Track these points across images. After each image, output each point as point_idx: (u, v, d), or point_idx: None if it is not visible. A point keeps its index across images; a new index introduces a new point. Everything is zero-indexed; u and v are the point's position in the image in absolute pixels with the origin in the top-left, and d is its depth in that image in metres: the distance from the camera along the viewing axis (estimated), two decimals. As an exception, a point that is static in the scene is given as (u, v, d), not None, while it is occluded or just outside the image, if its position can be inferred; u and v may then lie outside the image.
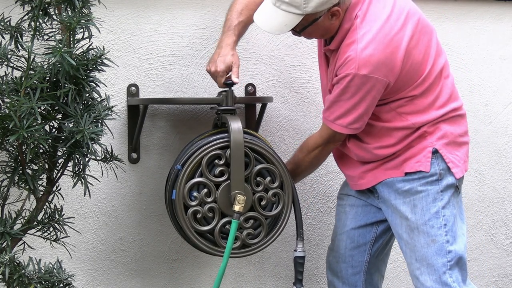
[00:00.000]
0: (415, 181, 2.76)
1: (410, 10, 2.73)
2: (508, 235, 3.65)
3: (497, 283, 3.65)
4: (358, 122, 2.74)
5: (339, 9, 2.68)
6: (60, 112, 2.56)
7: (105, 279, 3.17)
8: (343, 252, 2.97)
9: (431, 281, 2.75)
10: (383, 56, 2.64)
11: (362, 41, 2.65)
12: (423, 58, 2.72)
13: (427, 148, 2.76)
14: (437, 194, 2.75)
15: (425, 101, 2.75)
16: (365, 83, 2.66)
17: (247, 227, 2.83)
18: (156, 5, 3.16)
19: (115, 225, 3.17)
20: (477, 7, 3.55)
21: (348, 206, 2.98)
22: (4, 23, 2.56)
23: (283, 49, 3.31)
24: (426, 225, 2.75)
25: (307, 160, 2.91)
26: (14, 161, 2.58)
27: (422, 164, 2.75)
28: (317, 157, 2.90)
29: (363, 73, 2.64)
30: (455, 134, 2.79)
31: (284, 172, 2.84)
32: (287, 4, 2.66)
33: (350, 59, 2.65)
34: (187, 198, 2.79)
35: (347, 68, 2.66)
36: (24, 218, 2.61)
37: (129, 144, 3.15)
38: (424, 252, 2.76)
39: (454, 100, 2.81)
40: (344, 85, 2.68)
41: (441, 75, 2.77)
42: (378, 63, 2.64)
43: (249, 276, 3.32)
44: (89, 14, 2.51)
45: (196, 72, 3.21)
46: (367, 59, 2.63)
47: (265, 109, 3.20)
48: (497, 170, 3.61)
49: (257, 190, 2.82)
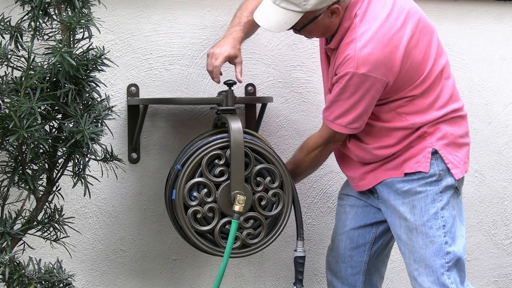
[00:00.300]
0: (414, 181, 2.76)
1: (411, 9, 2.73)
2: (508, 235, 3.65)
3: (497, 283, 3.65)
4: (357, 122, 2.74)
5: (338, 7, 2.68)
6: (60, 112, 2.56)
7: (105, 279, 3.17)
8: (342, 252, 2.97)
9: (429, 282, 2.75)
10: (382, 55, 2.64)
11: (361, 40, 2.65)
12: (423, 58, 2.72)
13: (427, 149, 2.75)
14: (436, 195, 2.75)
15: (425, 101, 2.74)
16: (364, 82, 2.65)
17: (247, 227, 2.83)
18: (156, 5, 3.16)
19: (115, 225, 3.17)
20: (477, 7, 3.55)
21: (348, 206, 2.98)
22: (4, 23, 2.56)
23: (283, 49, 3.31)
24: (424, 226, 2.75)
25: (307, 160, 2.91)
26: (14, 161, 2.57)
27: (422, 165, 2.75)
28: (317, 157, 2.90)
29: (361, 72, 2.64)
30: (455, 135, 2.79)
31: (284, 172, 2.84)
32: (286, 2, 2.66)
33: (349, 58, 2.65)
34: (187, 198, 2.79)
35: (346, 67, 2.66)
36: (24, 218, 2.61)
37: (129, 144, 3.15)
38: (422, 253, 2.76)
39: (455, 101, 2.81)
40: (343, 84, 2.68)
41: (441, 75, 2.77)
42: (377, 62, 2.64)
43: (249, 276, 3.32)
44: (89, 14, 2.51)
45: (196, 72, 3.21)
46: (366, 58, 2.63)
47: (265, 109, 3.20)
48: (497, 170, 3.61)
49: (257, 190, 2.82)
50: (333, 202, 3.37)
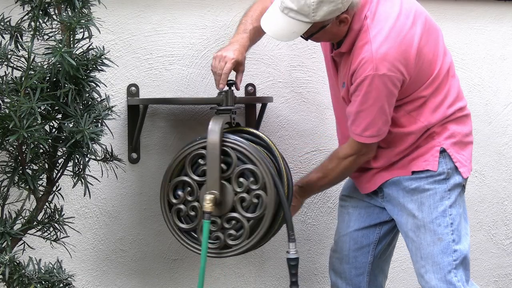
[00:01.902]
0: (422, 179, 2.75)
1: (417, 9, 2.72)
2: (508, 235, 3.66)
3: (497, 283, 3.65)
4: (385, 126, 2.70)
5: (347, 16, 2.65)
6: (60, 112, 2.56)
7: (105, 279, 3.17)
8: (346, 253, 2.96)
9: (436, 280, 2.74)
10: (398, 54, 2.61)
11: (376, 41, 2.62)
12: (432, 57, 2.71)
13: (435, 148, 2.75)
14: (445, 193, 2.75)
15: (435, 100, 2.73)
16: (386, 83, 2.61)
17: (228, 228, 2.79)
18: (156, 5, 3.16)
19: (115, 225, 3.17)
20: (477, 7, 3.55)
21: (351, 208, 2.96)
22: (4, 23, 2.56)
23: (283, 49, 3.31)
24: (433, 223, 2.74)
25: (337, 170, 2.84)
26: (14, 161, 2.58)
27: (430, 163, 2.74)
28: (347, 168, 2.82)
29: (381, 72, 2.60)
30: (462, 133, 2.78)
31: (267, 174, 2.74)
32: (295, 12, 2.62)
33: (365, 61, 2.61)
34: (171, 196, 2.79)
35: (364, 70, 2.62)
36: (24, 218, 2.61)
37: (129, 144, 3.15)
38: (430, 250, 2.75)
39: (461, 99, 2.81)
40: (365, 90, 2.63)
41: (448, 74, 2.76)
42: (394, 60, 2.61)
43: (249, 276, 3.32)
44: (89, 14, 2.51)
45: (196, 72, 3.21)
46: (383, 58, 2.60)
47: (265, 109, 3.20)
48: (497, 170, 3.62)
49: (238, 191, 2.76)
50: (333, 202, 3.37)
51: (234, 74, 2.88)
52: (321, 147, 3.34)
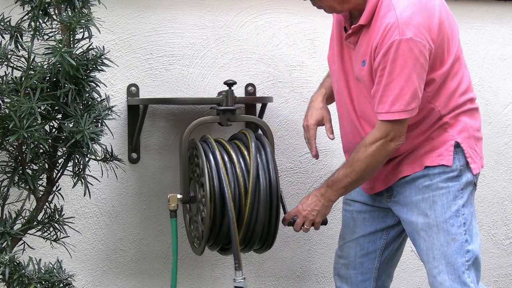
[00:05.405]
0: (435, 176, 2.68)
1: None
2: (508, 235, 3.65)
3: (497, 283, 3.65)
4: (414, 100, 2.57)
5: None
6: (60, 112, 2.56)
7: (105, 279, 3.17)
8: (352, 259, 2.90)
9: (450, 281, 2.67)
10: (422, 19, 2.54)
11: (399, 6, 2.55)
12: (450, 36, 2.65)
13: (449, 141, 2.68)
14: (458, 192, 2.68)
15: (451, 84, 2.66)
16: (412, 49, 2.52)
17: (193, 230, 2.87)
18: (156, 5, 3.16)
19: (115, 225, 3.17)
20: (477, 7, 3.55)
21: (355, 213, 2.89)
22: (4, 23, 2.56)
23: (283, 49, 3.31)
24: (446, 223, 2.67)
25: (363, 160, 2.65)
26: (14, 161, 2.58)
27: (445, 158, 2.67)
28: (375, 155, 2.63)
29: (408, 36, 2.52)
30: (474, 128, 2.71)
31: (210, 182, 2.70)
32: None
33: (390, 26, 2.53)
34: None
35: (390, 36, 2.53)
36: (24, 218, 2.61)
37: (129, 144, 3.15)
38: (443, 251, 2.68)
39: (471, 90, 2.73)
40: (392, 57, 2.53)
41: (461, 61, 2.70)
42: (419, 25, 2.53)
43: (249, 276, 3.32)
44: (89, 14, 2.51)
45: (196, 72, 3.21)
46: (408, 22, 2.52)
47: (265, 109, 3.20)
48: (497, 170, 3.61)
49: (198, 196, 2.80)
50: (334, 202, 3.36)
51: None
52: (321, 147, 3.34)
